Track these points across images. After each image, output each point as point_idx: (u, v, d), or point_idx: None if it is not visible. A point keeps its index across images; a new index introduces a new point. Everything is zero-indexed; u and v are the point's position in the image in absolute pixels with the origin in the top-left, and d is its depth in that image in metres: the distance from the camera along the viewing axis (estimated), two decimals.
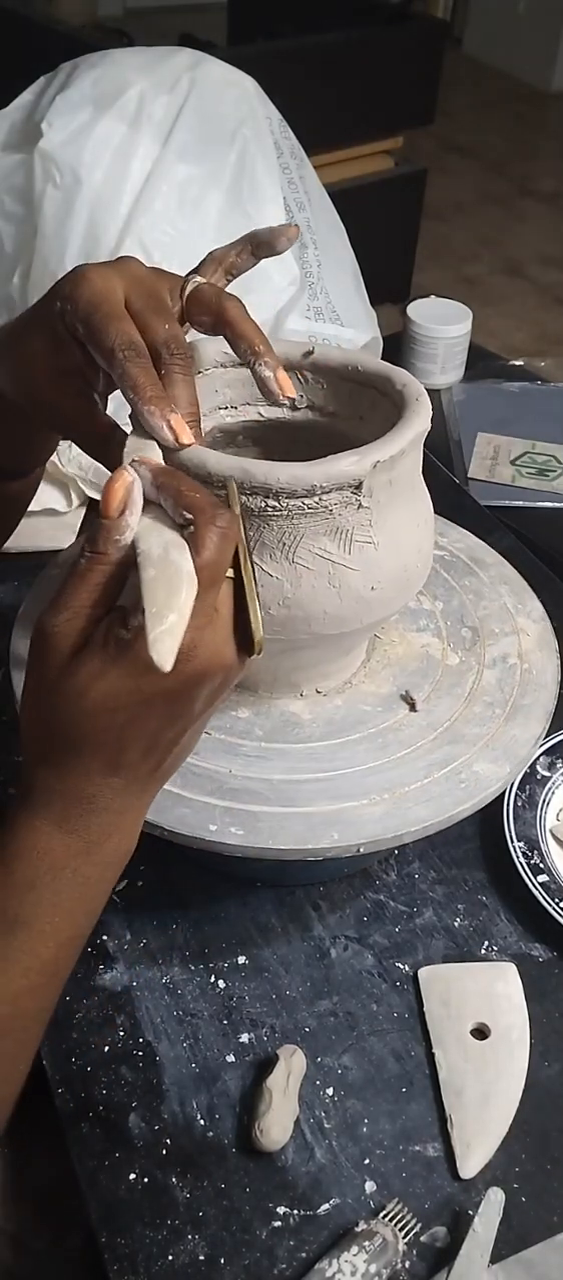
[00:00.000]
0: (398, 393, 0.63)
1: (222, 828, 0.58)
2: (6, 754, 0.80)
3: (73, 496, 1.03)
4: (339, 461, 0.56)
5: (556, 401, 1.31)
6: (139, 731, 0.46)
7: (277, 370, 0.57)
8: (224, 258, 0.60)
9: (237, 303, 0.57)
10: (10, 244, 1.16)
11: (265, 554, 0.58)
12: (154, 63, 1.17)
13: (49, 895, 0.47)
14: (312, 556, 0.58)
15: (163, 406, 0.52)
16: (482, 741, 0.64)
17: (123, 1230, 0.56)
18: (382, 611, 0.62)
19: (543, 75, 5.18)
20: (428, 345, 1.28)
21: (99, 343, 0.52)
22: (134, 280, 0.54)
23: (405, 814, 0.60)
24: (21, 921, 0.47)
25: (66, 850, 0.47)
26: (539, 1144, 0.60)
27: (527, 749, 0.65)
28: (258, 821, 0.59)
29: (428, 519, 0.66)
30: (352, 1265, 0.53)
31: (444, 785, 0.61)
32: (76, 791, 0.46)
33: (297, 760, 0.63)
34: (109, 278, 0.53)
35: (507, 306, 3.34)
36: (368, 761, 0.63)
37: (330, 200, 1.31)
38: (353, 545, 0.59)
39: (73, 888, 0.48)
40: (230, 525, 0.45)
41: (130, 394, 0.52)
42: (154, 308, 0.54)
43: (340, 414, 0.69)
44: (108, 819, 0.47)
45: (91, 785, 0.46)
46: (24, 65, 1.37)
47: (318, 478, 0.56)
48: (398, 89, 2.79)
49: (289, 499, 0.56)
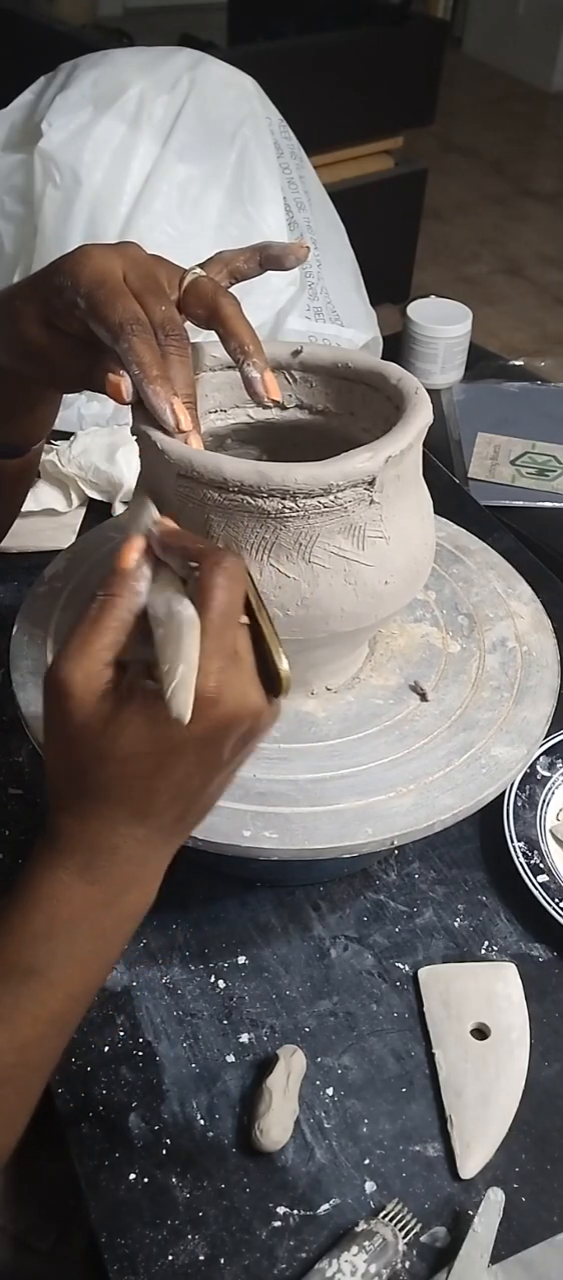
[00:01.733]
0: (393, 388, 0.63)
1: (255, 833, 0.58)
2: (6, 754, 0.80)
3: (73, 496, 1.03)
4: (353, 459, 0.57)
5: (556, 401, 1.31)
6: (167, 780, 0.45)
7: (264, 372, 0.57)
8: (231, 260, 0.60)
9: (232, 301, 0.57)
10: (10, 244, 1.16)
11: (282, 555, 0.58)
12: (154, 63, 1.17)
13: (65, 946, 0.46)
14: (327, 555, 0.58)
15: (167, 388, 0.52)
16: (496, 726, 0.65)
17: (123, 1230, 0.56)
18: (394, 605, 0.63)
19: (543, 75, 5.18)
20: (428, 345, 1.28)
21: (105, 317, 0.52)
22: (133, 262, 0.54)
23: (433, 803, 0.60)
24: (35, 971, 0.46)
25: (86, 901, 0.46)
26: (539, 1144, 0.60)
27: (540, 729, 0.66)
28: (290, 823, 0.59)
29: (430, 511, 0.66)
30: (352, 1265, 0.53)
31: (467, 772, 0.62)
32: (100, 841, 0.46)
33: (318, 759, 0.63)
34: (110, 257, 0.54)
35: (507, 306, 3.34)
36: (389, 754, 0.63)
37: (330, 200, 1.31)
38: (366, 541, 0.59)
39: (89, 940, 0.47)
40: (235, 565, 0.44)
41: (135, 369, 0.52)
42: (151, 289, 0.54)
43: (330, 411, 0.69)
44: (129, 870, 0.47)
45: (116, 835, 0.46)
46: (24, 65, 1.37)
47: (335, 476, 0.56)
48: (398, 89, 2.79)
49: (306, 499, 0.56)
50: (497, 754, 0.63)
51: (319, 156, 1.71)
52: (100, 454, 1.02)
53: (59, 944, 0.46)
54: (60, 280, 0.54)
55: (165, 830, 0.47)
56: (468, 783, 0.61)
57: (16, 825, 0.75)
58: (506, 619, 0.73)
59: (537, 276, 3.58)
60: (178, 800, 0.46)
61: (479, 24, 5.50)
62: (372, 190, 2.80)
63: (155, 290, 0.54)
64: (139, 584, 0.45)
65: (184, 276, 0.57)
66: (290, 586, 0.59)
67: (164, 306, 0.54)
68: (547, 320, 3.31)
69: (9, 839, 0.74)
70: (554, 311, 3.37)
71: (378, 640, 0.71)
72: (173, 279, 0.57)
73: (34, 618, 0.71)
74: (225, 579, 0.44)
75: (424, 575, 0.65)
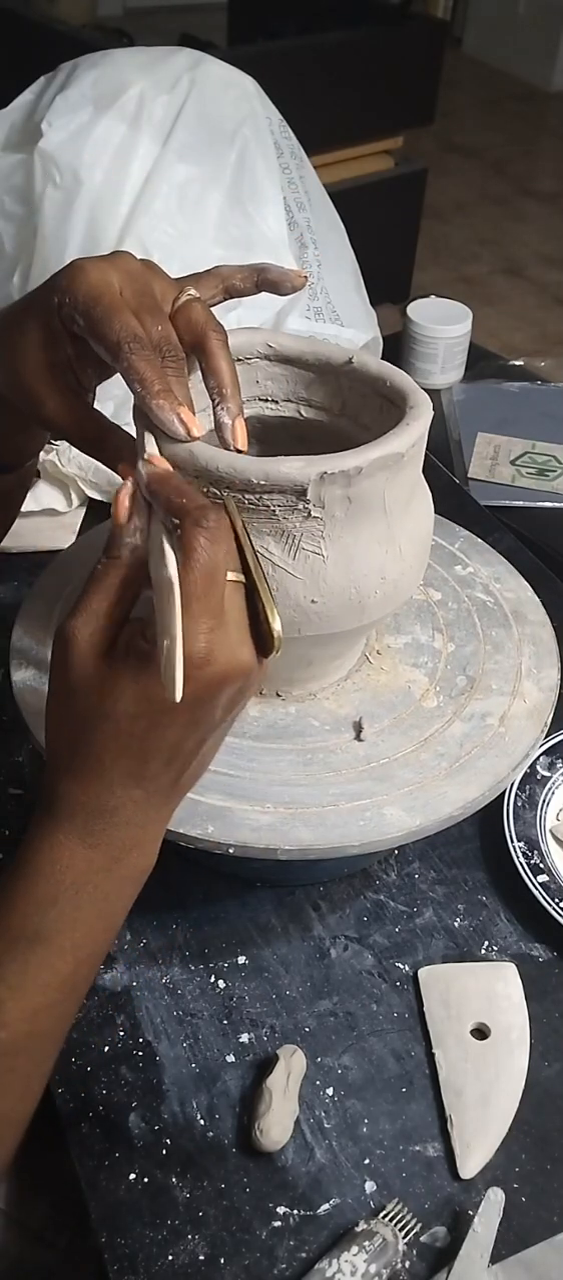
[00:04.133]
0: (407, 409, 0.62)
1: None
2: (6, 754, 0.80)
3: (73, 496, 1.03)
4: (282, 464, 0.56)
5: (556, 401, 1.31)
6: (160, 741, 0.46)
7: (235, 419, 0.56)
8: (229, 277, 0.60)
9: (220, 336, 0.56)
10: (10, 244, 1.16)
11: None
12: (154, 63, 1.17)
13: (70, 911, 0.47)
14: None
15: (171, 400, 0.52)
16: (407, 788, 0.62)
17: (123, 1230, 0.56)
18: (325, 627, 0.60)
19: (543, 75, 5.18)
20: (428, 345, 1.28)
21: (102, 335, 0.52)
22: (129, 276, 0.54)
23: (287, 832, 0.59)
24: (42, 937, 0.47)
25: (89, 865, 0.47)
26: (539, 1144, 0.60)
27: (451, 809, 0.61)
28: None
29: (407, 549, 0.62)
30: (352, 1265, 0.53)
31: (347, 816, 0.60)
32: (99, 803, 0.46)
33: (223, 754, 0.60)
34: (106, 271, 0.53)
35: (507, 306, 3.34)
36: (289, 775, 0.62)
37: (330, 200, 1.31)
38: (299, 553, 0.58)
39: (94, 903, 0.47)
40: (218, 522, 0.45)
41: (137, 387, 0.52)
42: (148, 306, 0.54)
43: (362, 423, 0.67)
44: (129, 833, 0.47)
45: (114, 797, 0.46)
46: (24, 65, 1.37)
47: (255, 474, 0.55)
48: (398, 89, 2.79)
49: (227, 489, 0.55)
50: (387, 814, 0.60)
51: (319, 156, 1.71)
52: None
53: (64, 909, 0.47)
54: (58, 298, 0.53)
55: (163, 792, 0.48)
56: (344, 825, 0.59)
57: (16, 825, 0.75)
58: (506, 696, 0.68)
59: (537, 276, 3.58)
60: (173, 761, 0.47)
61: (479, 24, 5.50)
62: (372, 190, 2.79)
63: (151, 308, 0.54)
64: (134, 537, 0.46)
65: (179, 295, 0.56)
66: None
67: (161, 326, 0.54)
68: (547, 320, 3.31)
69: (9, 839, 0.74)
70: (554, 311, 3.37)
71: (363, 669, 0.70)
72: (167, 294, 0.56)
73: (34, 618, 0.71)
74: (207, 538, 0.44)
75: (374, 612, 0.62)
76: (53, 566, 0.77)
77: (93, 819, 0.47)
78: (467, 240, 3.76)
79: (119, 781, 0.46)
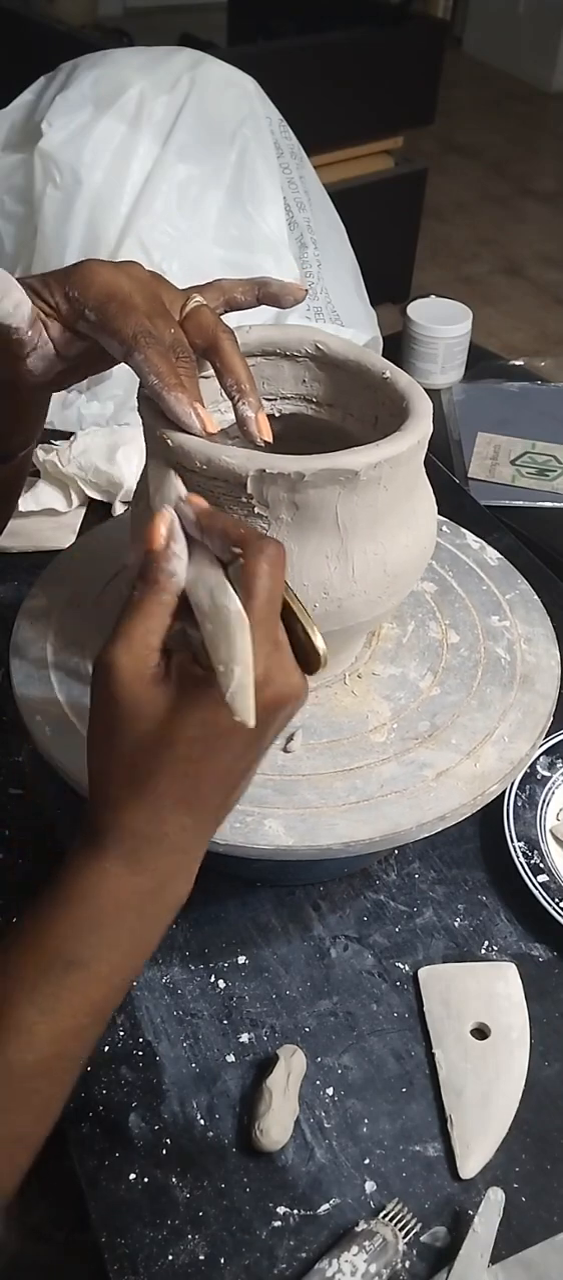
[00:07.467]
0: (408, 412, 0.62)
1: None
2: (6, 754, 0.80)
3: (73, 496, 1.03)
4: (224, 452, 0.56)
5: (556, 401, 1.31)
6: (214, 766, 0.46)
7: (258, 412, 0.57)
8: (230, 290, 0.61)
9: (231, 337, 0.57)
10: (10, 244, 1.16)
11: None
12: (154, 63, 1.17)
13: (110, 937, 0.46)
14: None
15: (188, 394, 0.53)
16: (300, 809, 0.61)
17: (123, 1230, 0.56)
18: None
19: (543, 75, 5.17)
20: (428, 345, 1.28)
21: (117, 330, 0.53)
22: (139, 282, 0.55)
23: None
24: (78, 962, 0.46)
25: (132, 891, 0.46)
26: (539, 1144, 0.60)
27: (331, 841, 0.59)
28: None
29: (364, 573, 0.60)
30: (352, 1265, 0.53)
31: (230, 818, 0.56)
32: (149, 830, 0.46)
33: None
34: (117, 274, 0.54)
35: (507, 306, 3.34)
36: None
37: (330, 200, 1.31)
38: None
39: (134, 931, 0.47)
40: (277, 551, 0.45)
41: (153, 379, 0.53)
42: (158, 311, 0.55)
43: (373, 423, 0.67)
44: (175, 859, 0.47)
45: (164, 824, 0.46)
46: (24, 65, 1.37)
47: (200, 457, 0.55)
48: (398, 89, 2.79)
49: (177, 466, 0.55)
50: (266, 826, 0.60)
51: (319, 156, 1.72)
52: (100, 454, 1.02)
53: (105, 935, 0.46)
54: (68, 290, 0.54)
55: (209, 820, 0.48)
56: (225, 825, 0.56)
57: (16, 825, 0.75)
58: (460, 755, 0.64)
59: (537, 276, 3.58)
60: (222, 786, 0.47)
61: (479, 24, 5.50)
62: (372, 190, 2.79)
63: (162, 313, 0.55)
64: (171, 564, 0.46)
65: (186, 303, 0.58)
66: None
67: (172, 329, 0.55)
68: (547, 320, 3.31)
69: (9, 839, 0.74)
70: (554, 311, 3.37)
71: (333, 686, 0.69)
72: (175, 302, 0.57)
73: (34, 618, 0.71)
74: (269, 565, 0.44)
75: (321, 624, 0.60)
76: (53, 566, 0.77)
77: (142, 845, 0.46)
78: (467, 240, 3.76)
79: (170, 808, 0.46)
